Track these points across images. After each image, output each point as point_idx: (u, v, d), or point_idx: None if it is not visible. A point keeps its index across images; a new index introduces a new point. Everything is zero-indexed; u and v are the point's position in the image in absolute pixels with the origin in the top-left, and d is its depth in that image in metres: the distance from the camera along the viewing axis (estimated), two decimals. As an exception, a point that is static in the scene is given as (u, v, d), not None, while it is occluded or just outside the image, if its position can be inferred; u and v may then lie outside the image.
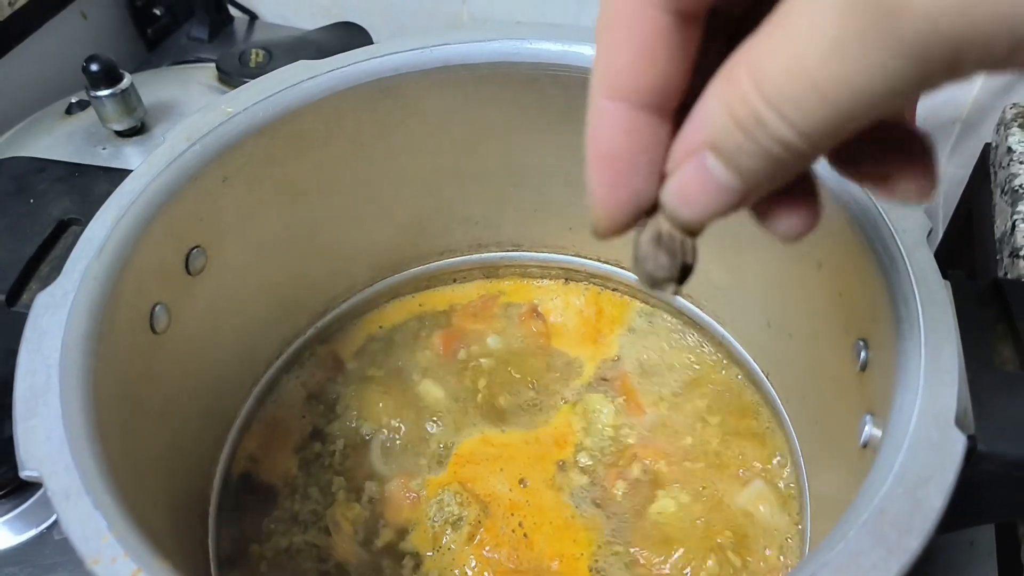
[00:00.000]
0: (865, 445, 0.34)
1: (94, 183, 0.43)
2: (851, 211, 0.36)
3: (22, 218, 0.41)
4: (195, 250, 0.40)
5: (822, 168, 0.37)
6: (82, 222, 0.41)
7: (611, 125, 0.21)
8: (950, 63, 0.14)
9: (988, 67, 0.14)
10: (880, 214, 0.35)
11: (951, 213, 0.71)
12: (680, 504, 0.45)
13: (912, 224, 0.34)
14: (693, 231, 0.23)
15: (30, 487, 0.52)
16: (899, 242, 0.34)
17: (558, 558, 0.44)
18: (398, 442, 0.49)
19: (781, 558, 0.43)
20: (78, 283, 0.33)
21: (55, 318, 0.32)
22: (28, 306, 0.33)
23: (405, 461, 0.48)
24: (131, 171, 0.38)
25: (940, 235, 0.69)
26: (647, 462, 0.47)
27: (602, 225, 0.22)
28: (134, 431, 0.35)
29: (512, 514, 0.46)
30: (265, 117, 0.41)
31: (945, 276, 0.34)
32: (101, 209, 0.36)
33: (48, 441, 0.28)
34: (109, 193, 0.37)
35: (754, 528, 0.44)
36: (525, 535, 0.45)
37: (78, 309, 0.32)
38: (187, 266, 0.40)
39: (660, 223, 0.22)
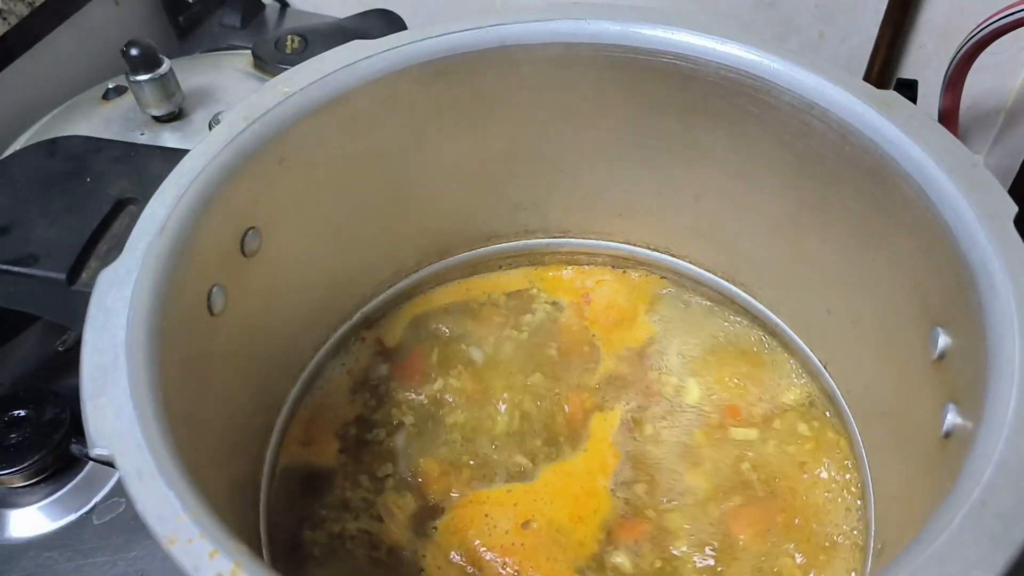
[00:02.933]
0: (948, 435, 0.33)
1: (150, 162, 0.42)
2: (930, 195, 0.35)
3: (80, 197, 0.41)
4: (251, 231, 0.39)
5: (894, 148, 0.36)
6: (139, 201, 0.40)
7: None
8: None
9: None
10: (963, 197, 0.34)
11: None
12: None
13: (999, 207, 0.33)
14: None
15: (68, 472, 0.52)
16: (985, 226, 0.33)
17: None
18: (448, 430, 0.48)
19: (848, 552, 0.42)
20: (140, 261, 0.32)
21: (120, 295, 0.31)
22: (88, 284, 0.32)
23: (451, 449, 0.47)
24: (186, 151, 0.37)
25: (1015, 208, 0.68)
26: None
27: None
28: (195, 413, 0.34)
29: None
30: (321, 97, 0.41)
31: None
32: (161, 187, 0.35)
33: (118, 420, 0.28)
34: (165, 173, 0.36)
35: (819, 524, 0.43)
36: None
37: (141, 287, 0.32)
38: (243, 247, 0.39)
39: None
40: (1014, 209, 0.33)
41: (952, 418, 0.33)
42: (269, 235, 0.41)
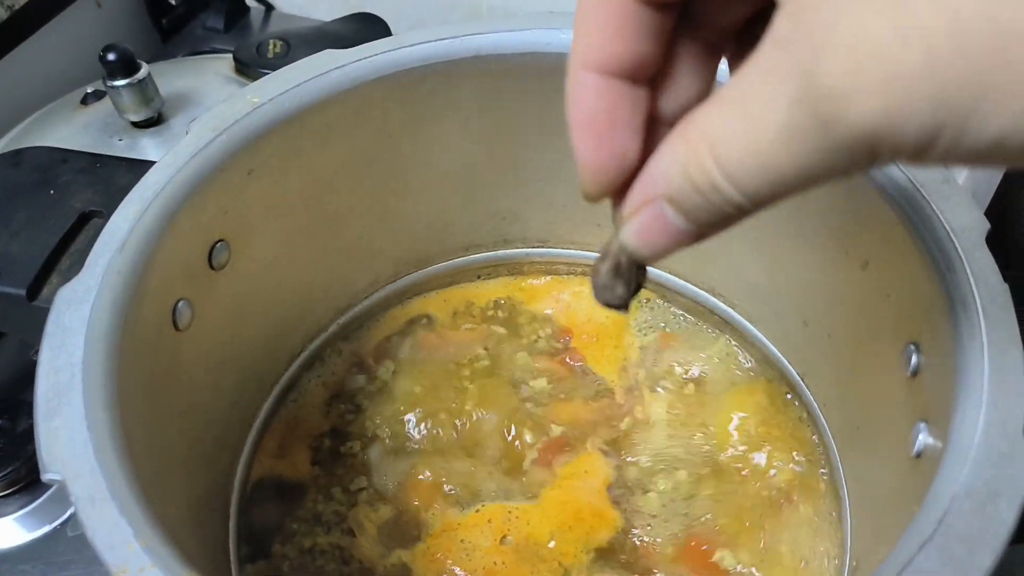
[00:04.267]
0: (919, 455, 0.32)
1: (116, 174, 0.42)
2: (902, 209, 0.34)
3: (44, 209, 0.40)
4: (219, 244, 0.39)
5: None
6: (104, 214, 0.40)
7: (589, 93, 0.23)
8: (871, 157, 0.17)
9: (901, 160, 0.17)
10: (935, 212, 0.33)
11: (984, 208, 0.69)
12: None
13: (969, 223, 0.33)
14: (649, 263, 0.25)
15: (42, 484, 0.52)
16: (956, 242, 0.32)
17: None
18: (421, 443, 0.48)
19: (822, 567, 0.41)
20: (100, 278, 0.32)
21: (78, 314, 0.31)
22: (49, 300, 0.32)
23: (429, 462, 0.47)
24: (153, 162, 0.37)
25: (987, 225, 0.68)
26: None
27: (589, 187, 0.24)
28: (157, 431, 0.33)
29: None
30: (291, 108, 0.40)
31: (1004, 278, 0.32)
32: (124, 202, 0.35)
33: (71, 443, 0.27)
34: (131, 185, 0.35)
35: (791, 538, 0.43)
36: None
37: (101, 305, 0.31)
38: (210, 260, 0.39)
39: (619, 256, 0.25)
40: (986, 226, 0.33)
41: (924, 437, 0.32)
42: (239, 248, 0.40)
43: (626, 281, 0.25)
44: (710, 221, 0.21)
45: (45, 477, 0.27)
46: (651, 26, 0.22)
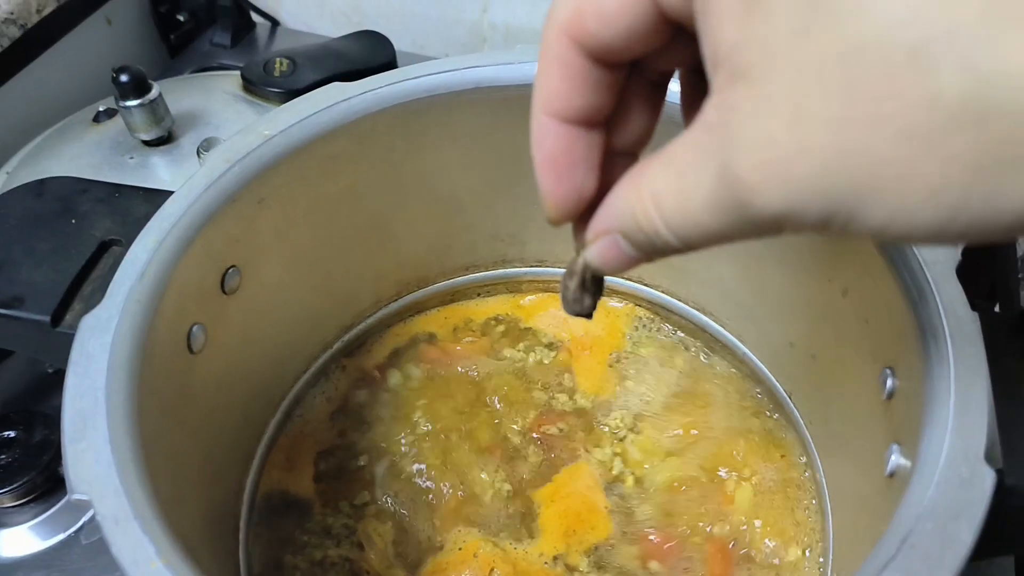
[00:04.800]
0: (892, 475, 0.34)
1: (134, 204, 0.44)
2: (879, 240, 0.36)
3: (66, 238, 0.42)
4: (231, 270, 0.41)
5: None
6: (122, 242, 0.42)
7: (549, 136, 0.26)
8: (780, 230, 0.20)
9: (807, 233, 0.20)
10: (908, 245, 0.35)
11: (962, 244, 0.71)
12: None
13: (941, 255, 0.35)
14: (611, 276, 0.30)
15: (57, 493, 0.54)
16: (927, 273, 0.34)
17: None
18: (425, 457, 0.50)
19: (804, 579, 0.43)
20: (122, 306, 0.34)
21: (101, 341, 0.33)
22: (71, 326, 0.34)
23: (433, 475, 0.49)
24: (169, 192, 0.39)
25: (958, 257, 0.70)
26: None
27: (552, 215, 0.28)
28: (174, 450, 0.35)
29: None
30: (300, 139, 0.42)
31: (973, 307, 0.34)
32: (143, 232, 0.36)
33: (97, 465, 0.29)
34: (148, 214, 0.37)
35: (773, 551, 0.45)
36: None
37: (122, 332, 0.33)
38: (223, 286, 0.41)
39: (584, 274, 0.29)
40: (956, 258, 0.35)
41: (896, 459, 0.34)
42: (249, 273, 0.42)
43: (592, 293, 0.29)
44: (656, 252, 0.24)
45: (73, 498, 0.29)
46: (604, 81, 0.25)
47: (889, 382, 0.36)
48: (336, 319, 0.52)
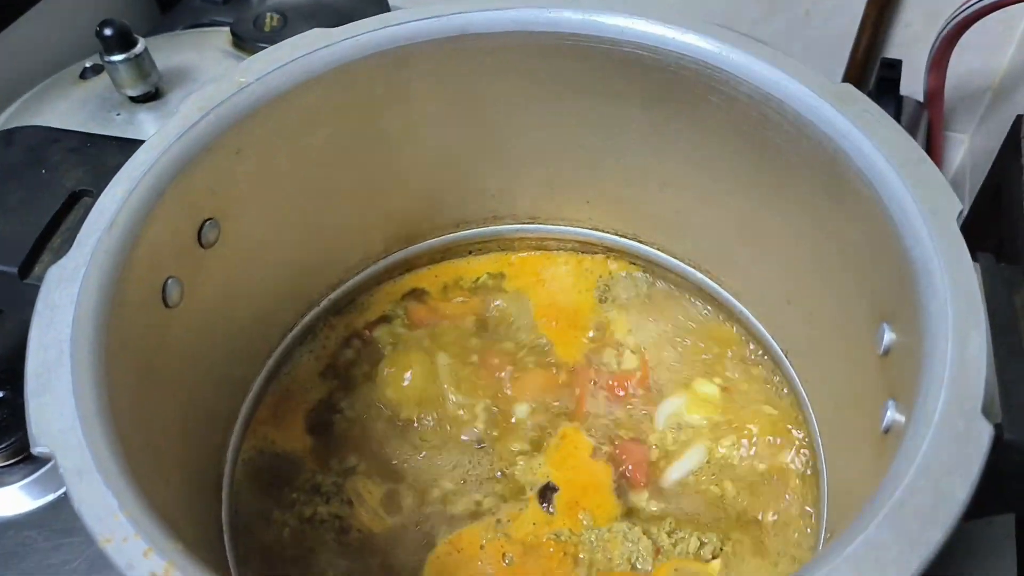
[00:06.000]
0: (887, 431, 0.33)
1: (107, 154, 0.42)
2: (878, 190, 0.35)
3: (35, 189, 0.41)
4: (208, 222, 0.40)
5: (847, 143, 0.36)
6: (94, 193, 0.40)
7: None
8: None
9: None
10: (909, 193, 0.34)
11: (978, 187, 0.69)
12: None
13: (943, 204, 0.33)
14: None
15: (48, 453, 0.53)
16: (928, 223, 0.33)
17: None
18: (414, 415, 0.49)
19: (799, 543, 0.42)
20: (89, 257, 0.33)
21: (67, 292, 0.32)
22: (40, 278, 0.33)
23: (423, 432, 0.48)
24: (143, 142, 0.37)
25: (967, 210, 0.68)
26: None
27: None
28: (147, 405, 0.35)
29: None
30: (279, 87, 0.41)
31: (974, 258, 0.33)
32: (112, 181, 0.35)
33: (60, 418, 0.28)
34: (121, 164, 0.36)
35: (770, 512, 0.44)
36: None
37: (89, 283, 0.32)
38: (200, 239, 0.39)
39: None
40: (958, 206, 0.33)
41: (891, 415, 0.33)
42: (228, 226, 0.41)
43: None
44: None
45: (35, 450, 0.28)
46: None
47: (886, 337, 0.35)
48: (323, 276, 0.51)
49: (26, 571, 0.55)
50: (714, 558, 0.43)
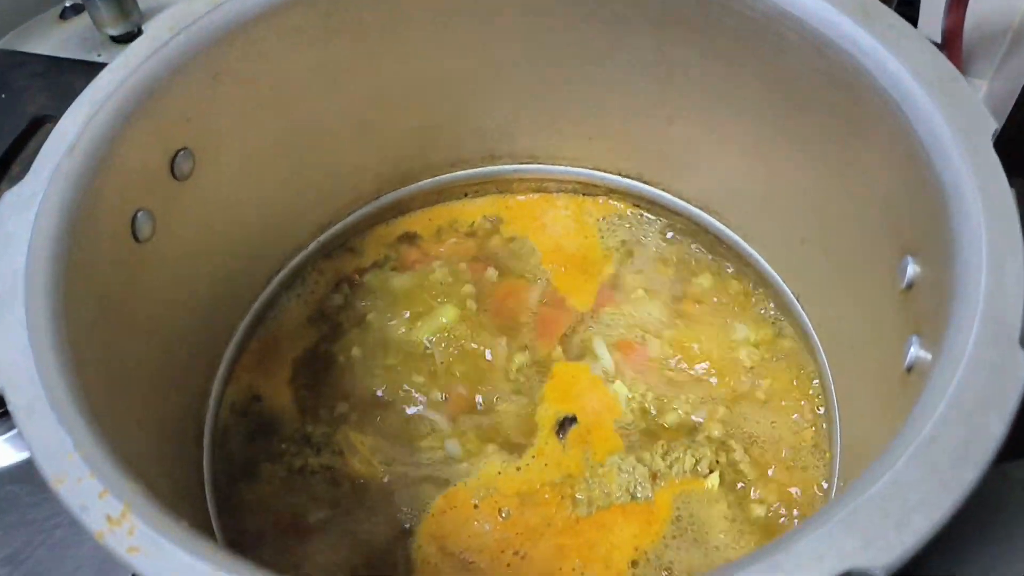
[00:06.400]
0: (910, 369, 0.31)
1: (75, 78, 0.40)
2: (905, 111, 0.32)
3: (-7, 114, 0.38)
4: (181, 152, 0.37)
5: (870, 61, 0.34)
6: (57, 119, 0.38)
7: None
8: None
9: None
10: (939, 112, 0.31)
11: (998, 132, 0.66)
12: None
13: (976, 123, 0.30)
14: None
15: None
16: (960, 144, 0.30)
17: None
18: (406, 363, 0.46)
19: (817, 492, 0.40)
20: (47, 182, 0.30)
21: (22, 219, 0.29)
22: (-2, 208, 0.30)
23: (415, 381, 0.46)
24: (113, 65, 0.35)
25: (996, 126, 0.65)
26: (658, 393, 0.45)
27: None
28: (115, 345, 0.32)
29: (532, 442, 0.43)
30: (259, 5, 0.38)
31: (1011, 184, 0.30)
32: (74, 103, 0.33)
33: (11, 351, 0.26)
34: (87, 89, 0.34)
35: (782, 462, 0.42)
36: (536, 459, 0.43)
37: (48, 210, 0.30)
38: (173, 170, 0.37)
39: None
40: (992, 125, 0.30)
41: (915, 351, 0.31)
42: (204, 158, 0.38)
43: None
44: None
45: (-17, 385, 0.25)
46: None
47: (910, 270, 0.33)
48: (311, 217, 0.48)
49: (8, 525, 0.53)
50: (711, 471, 0.42)
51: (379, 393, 0.45)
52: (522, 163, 0.52)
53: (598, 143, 0.50)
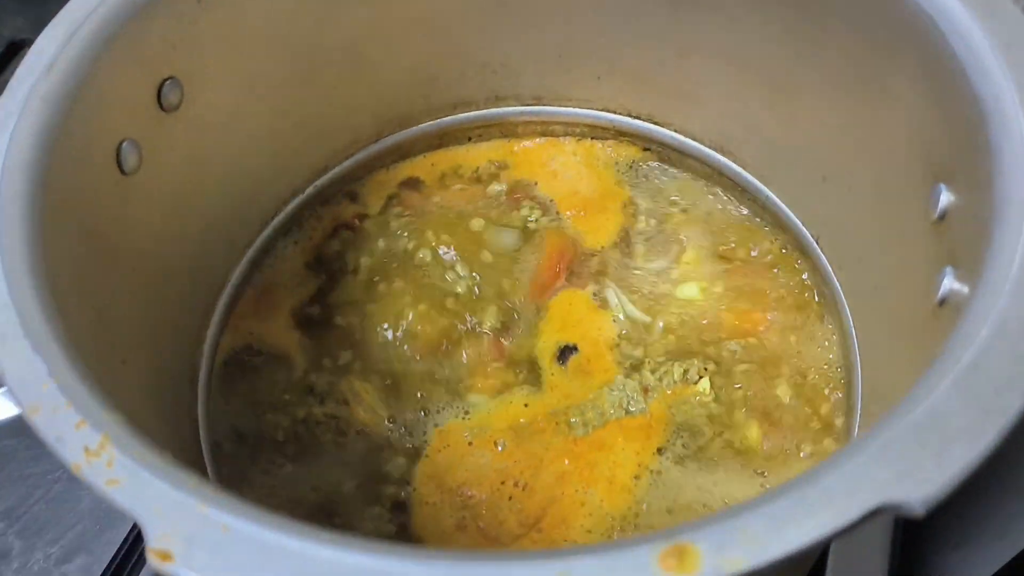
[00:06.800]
0: (943, 303, 0.29)
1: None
2: (939, 24, 0.30)
3: (-36, 36, 0.36)
4: (168, 81, 0.35)
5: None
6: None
7: None
8: None
9: None
10: (976, 24, 0.29)
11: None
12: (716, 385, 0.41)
13: (1017, 35, 0.28)
14: None
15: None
16: (999, 56, 0.28)
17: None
18: (410, 312, 0.45)
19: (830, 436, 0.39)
20: (22, 103, 0.28)
21: (-5, 141, 0.27)
22: (-28, 135, 0.28)
23: (416, 328, 0.44)
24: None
25: None
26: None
27: None
28: (99, 278, 0.31)
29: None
30: (244, -73, 0.36)
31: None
32: (51, 23, 0.31)
33: (-18, 275, 0.24)
34: (68, 11, 0.32)
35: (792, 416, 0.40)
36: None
37: (22, 133, 0.28)
38: (160, 100, 0.35)
39: None
40: (1036, 34, 0.28)
41: (948, 283, 0.29)
42: (193, 88, 0.36)
43: None
44: None
45: (-48, 312, 0.24)
46: None
47: (943, 199, 0.31)
48: (307, 159, 0.46)
49: (5, 480, 0.52)
50: (700, 378, 0.41)
51: (382, 339, 0.44)
52: (528, 105, 0.50)
53: (607, 82, 0.48)
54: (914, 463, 0.21)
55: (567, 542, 0.37)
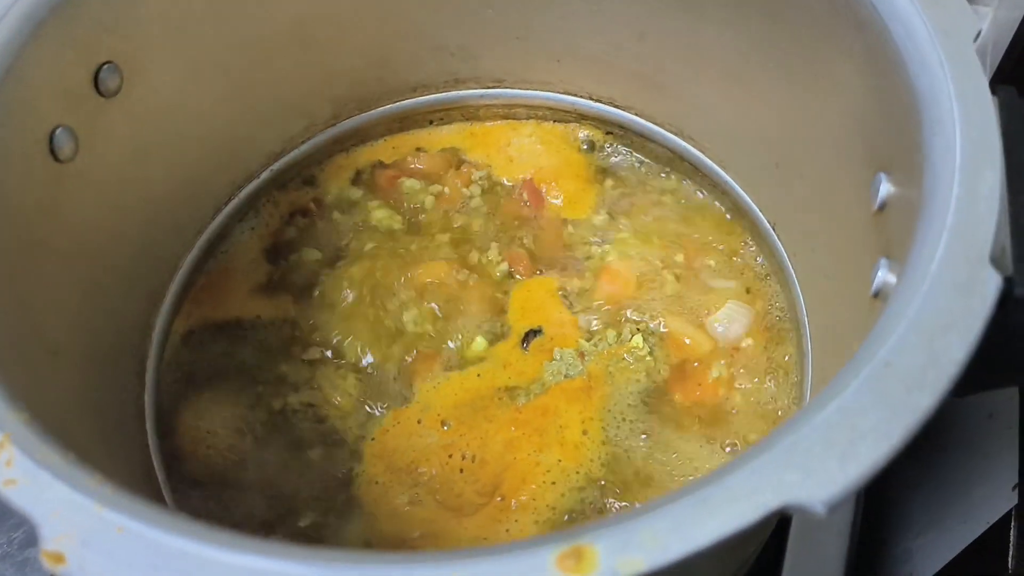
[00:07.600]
0: (877, 294, 0.29)
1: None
2: (880, 11, 0.29)
3: None
4: (106, 66, 0.34)
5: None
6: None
7: None
8: None
9: None
10: (916, 12, 0.28)
11: (998, 63, 0.62)
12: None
13: (957, 24, 0.28)
14: None
15: None
16: (938, 46, 0.27)
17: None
18: (367, 296, 0.44)
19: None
20: (-58, 91, 0.28)
21: (-90, 128, 0.27)
22: None
23: (375, 313, 0.44)
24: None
25: (980, 27, 0.61)
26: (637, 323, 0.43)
27: None
28: (30, 269, 0.30)
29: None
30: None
31: (993, 91, 0.27)
32: (-26, 6, 0.30)
33: None
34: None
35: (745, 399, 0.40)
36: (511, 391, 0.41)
37: (-59, 121, 0.27)
38: (97, 85, 0.34)
39: None
40: (975, 26, 0.27)
41: (883, 275, 0.28)
42: (134, 74, 0.36)
43: None
44: None
45: None
46: None
47: (883, 188, 0.30)
48: (260, 143, 0.46)
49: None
50: (633, 336, 0.42)
51: (348, 322, 0.43)
52: (488, 87, 0.49)
53: (567, 65, 0.47)
54: (819, 463, 0.20)
55: (534, 501, 0.37)
